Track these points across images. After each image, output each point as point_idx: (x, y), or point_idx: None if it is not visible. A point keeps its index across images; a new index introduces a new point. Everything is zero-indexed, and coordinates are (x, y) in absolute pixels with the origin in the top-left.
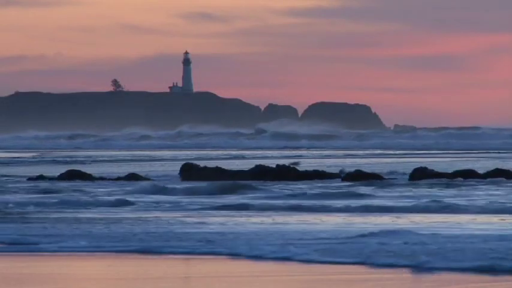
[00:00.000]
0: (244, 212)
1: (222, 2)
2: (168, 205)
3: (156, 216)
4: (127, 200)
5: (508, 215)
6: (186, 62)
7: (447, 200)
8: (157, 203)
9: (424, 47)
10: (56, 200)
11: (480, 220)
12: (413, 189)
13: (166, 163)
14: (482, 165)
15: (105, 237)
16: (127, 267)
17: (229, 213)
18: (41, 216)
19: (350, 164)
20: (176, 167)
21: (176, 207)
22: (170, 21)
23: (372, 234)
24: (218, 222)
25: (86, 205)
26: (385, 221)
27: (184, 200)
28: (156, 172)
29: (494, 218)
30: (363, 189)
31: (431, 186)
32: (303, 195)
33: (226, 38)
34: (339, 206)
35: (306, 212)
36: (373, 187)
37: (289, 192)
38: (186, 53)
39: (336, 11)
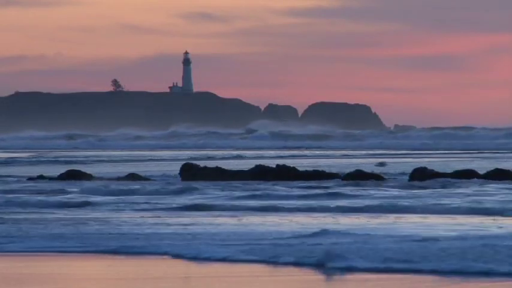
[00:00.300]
0: (215, 213)
1: (222, 2)
2: (131, 205)
3: (112, 217)
4: (89, 202)
5: (472, 216)
6: (186, 62)
7: (426, 201)
8: (120, 203)
9: (424, 47)
10: (20, 201)
11: (433, 221)
12: (407, 190)
13: (163, 163)
14: (477, 165)
15: (58, 238)
16: (127, 267)
17: (196, 214)
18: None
19: (347, 164)
20: (173, 167)
21: (137, 207)
22: (170, 21)
23: (314, 235)
24: (181, 222)
25: (49, 206)
26: (351, 222)
27: (145, 200)
28: (156, 172)
29: (449, 219)
30: (351, 190)
31: (427, 186)
32: (284, 196)
33: (226, 38)
34: (317, 206)
35: (280, 212)
36: (365, 187)
37: (270, 192)
38: (186, 53)
39: (336, 11)
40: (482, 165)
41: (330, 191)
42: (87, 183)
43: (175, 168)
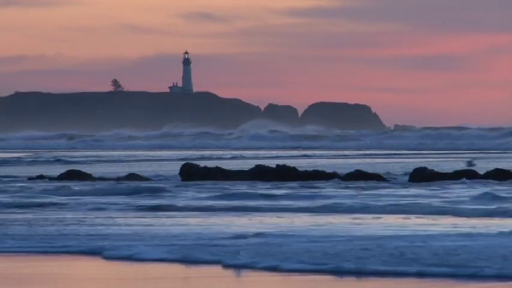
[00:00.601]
0: (183, 213)
1: (222, 2)
2: (100, 205)
3: (71, 217)
4: (54, 202)
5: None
6: (186, 62)
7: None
8: (89, 203)
9: (424, 47)
10: None
11: (384, 221)
12: (398, 190)
13: (162, 163)
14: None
15: (6, 239)
16: (127, 267)
17: (163, 214)
18: None
19: (343, 163)
20: (173, 167)
21: (106, 207)
22: (170, 21)
23: (257, 235)
24: (143, 223)
25: (13, 206)
26: (314, 221)
27: (117, 200)
28: (155, 172)
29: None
30: (342, 190)
31: (422, 187)
32: (265, 196)
33: (226, 38)
34: (295, 206)
35: (254, 212)
36: (355, 188)
37: (253, 192)
38: (186, 53)
39: (336, 11)
40: (480, 165)
41: (320, 191)
42: (71, 184)
43: (175, 168)
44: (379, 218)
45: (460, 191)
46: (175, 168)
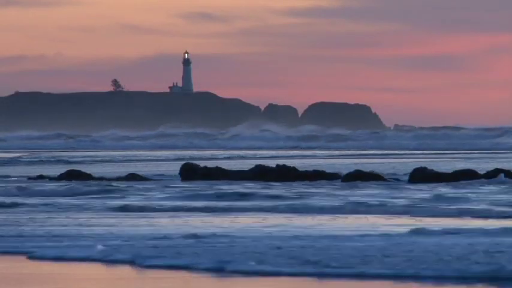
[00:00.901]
0: (153, 213)
1: (222, 2)
2: (64, 206)
3: (31, 218)
4: (17, 203)
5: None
6: (186, 62)
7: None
8: (54, 204)
9: (424, 47)
10: None
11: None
12: (393, 190)
13: (162, 163)
14: (477, 165)
15: None
16: (127, 267)
17: (133, 215)
18: None
19: (342, 163)
20: (173, 167)
21: (69, 208)
22: (170, 21)
23: (194, 236)
24: (107, 223)
25: None
26: (278, 222)
27: (86, 200)
28: (155, 172)
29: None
30: (334, 190)
31: (418, 187)
32: (240, 196)
33: (226, 38)
34: (272, 206)
35: (233, 212)
36: (347, 189)
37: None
38: (186, 53)
39: (336, 11)
40: (480, 164)
41: (314, 191)
42: (38, 184)
43: (175, 168)
44: (359, 218)
45: (448, 191)
46: (175, 168)
